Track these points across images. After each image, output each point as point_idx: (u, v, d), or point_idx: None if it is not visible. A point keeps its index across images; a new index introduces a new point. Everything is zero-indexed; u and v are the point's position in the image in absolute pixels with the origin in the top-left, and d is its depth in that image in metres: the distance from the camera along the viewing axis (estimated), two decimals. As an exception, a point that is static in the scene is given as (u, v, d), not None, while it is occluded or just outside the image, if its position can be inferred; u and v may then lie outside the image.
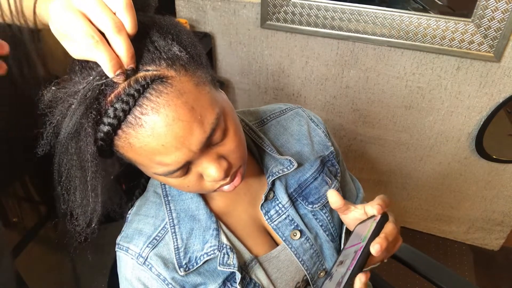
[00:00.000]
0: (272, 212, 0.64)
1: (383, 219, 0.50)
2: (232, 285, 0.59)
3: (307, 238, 0.64)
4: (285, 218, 0.64)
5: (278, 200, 0.64)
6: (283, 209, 0.64)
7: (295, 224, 0.64)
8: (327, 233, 0.66)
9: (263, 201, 0.63)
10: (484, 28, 1.16)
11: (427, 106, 1.40)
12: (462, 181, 1.55)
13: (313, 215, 0.66)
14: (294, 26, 1.36)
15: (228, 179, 0.52)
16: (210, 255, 0.58)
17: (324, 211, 0.66)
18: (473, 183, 1.53)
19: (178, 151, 0.45)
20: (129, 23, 0.40)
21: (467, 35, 1.19)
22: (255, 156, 0.66)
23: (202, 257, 0.59)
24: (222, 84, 1.62)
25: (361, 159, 1.64)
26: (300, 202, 0.66)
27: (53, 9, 0.41)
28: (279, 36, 1.42)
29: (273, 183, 0.64)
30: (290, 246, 0.64)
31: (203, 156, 0.48)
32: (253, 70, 1.56)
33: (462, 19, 1.17)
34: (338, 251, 0.67)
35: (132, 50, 0.41)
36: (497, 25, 1.14)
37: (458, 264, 1.67)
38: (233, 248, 0.59)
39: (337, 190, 0.59)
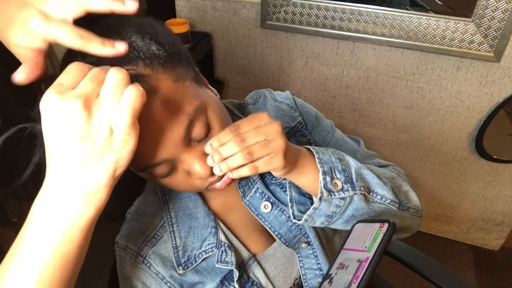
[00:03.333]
0: (246, 188, 0.63)
1: (392, 229, 0.48)
2: (230, 284, 0.59)
3: (282, 210, 0.62)
4: (255, 191, 0.62)
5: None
6: (252, 182, 0.63)
7: (266, 196, 0.62)
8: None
9: (240, 179, 0.62)
10: (484, 28, 1.16)
11: (427, 106, 1.40)
12: (462, 181, 1.55)
13: (281, 188, 0.64)
14: (294, 26, 1.36)
15: (216, 176, 0.52)
16: (208, 253, 0.59)
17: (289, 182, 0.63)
18: (473, 183, 1.53)
19: (156, 147, 0.46)
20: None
21: (467, 35, 1.19)
22: None
23: (200, 255, 0.59)
24: (222, 84, 1.62)
25: (361, 159, 1.64)
26: (267, 177, 0.64)
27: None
28: (279, 36, 1.42)
29: None
30: (263, 220, 0.62)
31: (188, 153, 0.48)
32: (253, 70, 1.56)
33: (462, 19, 1.17)
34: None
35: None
36: (497, 25, 1.14)
37: (458, 264, 1.67)
38: (231, 246, 0.59)
39: None
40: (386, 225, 0.49)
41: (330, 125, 0.71)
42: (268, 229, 0.62)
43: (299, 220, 0.56)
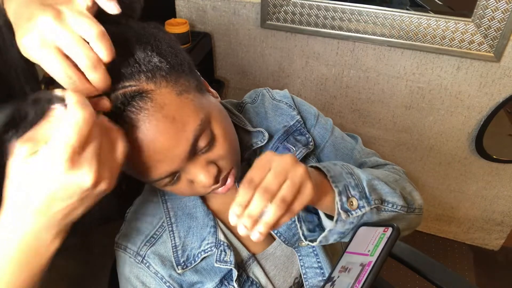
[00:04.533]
0: None
1: (396, 234, 0.47)
2: (229, 283, 0.59)
3: None
4: None
5: None
6: None
7: None
8: None
9: (239, 178, 0.61)
10: (484, 28, 1.16)
11: (427, 106, 1.40)
12: (462, 181, 1.55)
13: None
14: (294, 26, 1.36)
15: (219, 183, 0.52)
16: (207, 252, 0.59)
17: None
18: (473, 183, 1.53)
19: (162, 163, 0.46)
20: (104, 53, 0.38)
21: (467, 35, 1.19)
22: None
23: (199, 255, 0.59)
24: (222, 84, 1.62)
25: (361, 159, 1.64)
26: None
27: (27, 41, 0.36)
28: (279, 36, 1.42)
29: (250, 159, 0.62)
30: None
31: (192, 163, 0.48)
32: (253, 70, 1.56)
33: (462, 19, 1.17)
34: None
35: (108, 83, 0.39)
36: (497, 25, 1.14)
37: (458, 264, 1.67)
38: (231, 245, 0.59)
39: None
40: (390, 229, 0.49)
41: (329, 123, 0.71)
42: (272, 232, 0.62)
43: (312, 242, 0.54)
